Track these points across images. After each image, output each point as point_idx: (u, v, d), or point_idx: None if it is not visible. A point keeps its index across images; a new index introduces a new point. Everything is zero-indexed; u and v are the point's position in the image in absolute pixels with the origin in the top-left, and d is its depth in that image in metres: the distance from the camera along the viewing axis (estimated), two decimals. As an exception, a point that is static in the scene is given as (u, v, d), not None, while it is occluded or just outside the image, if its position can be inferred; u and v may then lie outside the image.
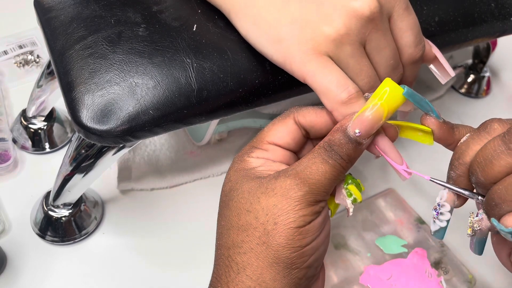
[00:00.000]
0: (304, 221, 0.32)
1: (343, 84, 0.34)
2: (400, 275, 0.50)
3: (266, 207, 0.32)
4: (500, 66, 0.73)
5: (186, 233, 0.53)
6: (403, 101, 0.32)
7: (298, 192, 0.32)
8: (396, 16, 0.37)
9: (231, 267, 0.33)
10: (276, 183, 0.32)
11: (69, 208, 0.50)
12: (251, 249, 0.32)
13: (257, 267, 0.32)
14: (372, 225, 0.54)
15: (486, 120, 0.33)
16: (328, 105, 0.34)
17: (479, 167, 0.31)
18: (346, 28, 0.34)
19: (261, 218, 0.32)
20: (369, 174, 0.59)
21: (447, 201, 0.34)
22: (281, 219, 0.31)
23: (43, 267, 0.49)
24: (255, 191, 0.33)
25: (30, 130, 0.57)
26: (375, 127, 0.33)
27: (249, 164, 0.35)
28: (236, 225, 0.33)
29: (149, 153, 0.57)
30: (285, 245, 0.31)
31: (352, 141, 0.33)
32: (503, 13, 0.51)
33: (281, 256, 0.32)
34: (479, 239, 0.33)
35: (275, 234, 0.31)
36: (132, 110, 0.37)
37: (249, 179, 0.34)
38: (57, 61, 0.40)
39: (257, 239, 0.32)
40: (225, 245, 0.33)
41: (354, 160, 0.34)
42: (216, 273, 0.34)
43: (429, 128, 0.34)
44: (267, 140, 0.36)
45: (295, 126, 0.36)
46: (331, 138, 0.33)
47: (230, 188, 0.34)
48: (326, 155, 0.33)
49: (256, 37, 0.37)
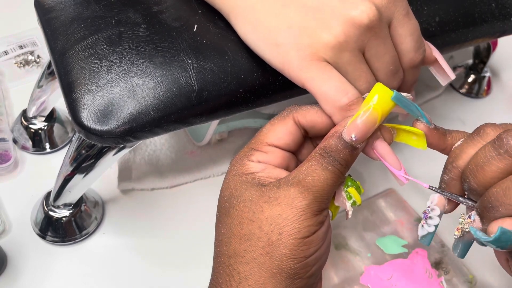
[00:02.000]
0: (309, 232, 0.31)
1: (343, 89, 0.34)
2: (401, 275, 0.50)
3: (270, 216, 0.31)
4: (500, 66, 0.73)
5: (186, 233, 0.53)
6: (394, 103, 0.33)
7: (303, 201, 0.31)
8: (396, 23, 0.36)
9: (232, 276, 0.32)
10: (280, 192, 0.32)
11: (70, 208, 0.50)
12: (254, 259, 0.32)
13: (259, 277, 0.31)
14: (372, 226, 0.54)
15: (480, 125, 0.34)
16: (328, 110, 0.34)
17: (471, 173, 0.31)
18: (345, 36, 0.34)
19: (265, 228, 0.31)
20: (369, 174, 0.59)
21: (438, 205, 0.34)
22: (286, 229, 0.31)
23: (44, 267, 0.49)
24: (257, 200, 0.32)
25: (30, 130, 0.57)
26: (370, 130, 0.33)
27: (248, 169, 0.34)
28: (238, 234, 0.32)
29: (150, 153, 0.57)
30: (289, 256, 0.31)
31: (349, 146, 0.33)
32: (504, 13, 0.51)
33: (285, 267, 0.31)
34: (465, 241, 0.33)
35: (280, 245, 0.31)
36: (133, 110, 0.37)
37: (249, 186, 0.33)
38: (58, 61, 0.40)
39: (261, 249, 0.31)
40: (226, 254, 0.33)
41: (350, 164, 0.34)
42: (215, 280, 0.33)
43: (421, 131, 0.35)
44: (266, 141, 0.35)
45: (294, 126, 0.35)
46: (327, 145, 0.33)
47: (230, 195, 0.34)
48: (325, 161, 0.33)
49: (255, 41, 0.37)
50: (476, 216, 0.32)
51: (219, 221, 0.34)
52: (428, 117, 0.35)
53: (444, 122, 0.65)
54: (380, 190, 0.57)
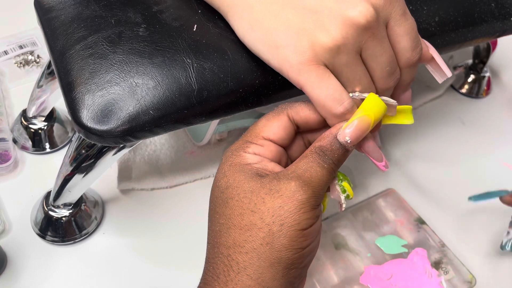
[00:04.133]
0: (307, 224, 0.33)
1: (339, 99, 0.35)
2: (400, 275, 0.50)
3: (272, 208, 0.32)
4: (500, 66, 0.73)
5: (186, 233, 0.53)
6: (385, 110, 0.36)
7: (303, 195, 0.33)
8: (393, 22, 0.37)
9: (231, 267, 0.33)
10: (280, 184, 0.33)
11: (70, 208, 0.50)
12: (254, 249, 0.32)
13: (258, 267, 0.32)
14: (372, 225, 0.54)
15: None
16: (323, 115, 0.36)
17: None
18: (343, 38, 0.34)
19: (266, 219, 0.32)
20: (369, 174, 0.59)
21: None
22: (287, 221, 0.32)
23: (43, 267, 0.49)
24: (258, 191, 0.33)
25: (30, 130, 0.57)
26: (363, 135, 0.35)
27: (245, 160, 0.35)
28: (238, 225, 0.33)
29: (150, 153, 0.57)
30: (288, 246, 0.32)
31: (342, 147, 0.35)
32: (503, 13, 0.51)
33: (283, 257, 0.32)
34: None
35: (280, 236, 0.32)
36: (133, 110, 0.37)
37: (248, 176, 0.34)
38: (58, 61, 0.40)
39: (261, 239, 0.32)
40: (225, 244, 0.34)
41: (342, 163, 0.36)
42: (211, 271, 0.34)
43: (409, 107, 0.38)
44: (262, 135, 0.36)
45: (288, 122, 0.37)
46: (322, 144, 0.35)
47: (226, 185, 0.35)
48: (321, 160, 0.35)
49: (253, 41, 0.37)
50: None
51: (215, 212, 0.35)
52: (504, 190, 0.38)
53: (444, 122, 0.65)
54: (380, 190, 0.57)
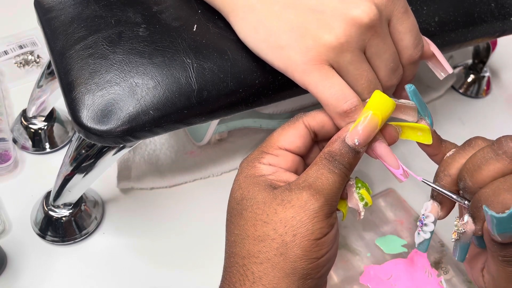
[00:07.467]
0: (321, 233, 0.32)
1: (344, 97, 0.35)
2: (400, 275, 0.50)
3: (284, 219, 0.32)
4: (500, 66, 0.73)
5: (186, 233, 0.53)
6: (393, 107, 0.35)
7: (315, 204, 0.32)
8: (395, 20, 0.37)
9: (246, 276, 0.33)
10: (292, 195, 0.33)
11: (70, 208, 0.50)
12: (268, 260, 0.32)
13: (273, 277, 0.32)
14: (372, 225, 0.54)
15: (471, 138, 0.35)
16: (331, 115, 0.36)
17: (468, 173, 0.33)
18: (346, 36, 0.35)
19: (279, 230, 0.32)
20: (369, 174, 0.59)
21: (432, 212, 0.36)
22: (300, 231, 0.32)
23: (43, 267, 0.49)
24: (270, 202, 0.33)
25: (30, 130, 0.57)
26: (371, 135, 0.34)
27: (259, 171, 0.35)
28: (252, 236, 0.33)
29: (149, 153, 0.57)
30: (302, 257, 0.32)
31: (352, 150, 0.34)
32: (503, 13, 0.51)
33: (298, 267, 0.32)
34: (462, 244, 0.35)
35: (294, 246, 0.32)
36: (132, 110, 0.37)
37: (261, 188, 0.34)
38: (58, 61, 0.40)
39: (275, 250, 0.32)
40: (240, 254, 0.34)
41: (354, 166, 0.35)
42: (228, 280, 0.34)
43: (427, 127, 0.36)
44: (277, 145, 0.36)
45: (305, 129, 0.36)
46: (331, 149, 0.35)
47: (241, 196, 0.34)
48: (331, 165, 0.34)
49: (256, 43, 0.37)
50: (469, 217, 0.33)
51: (231, 223, 0.35)
52: (433, 121, 0.36)
53: (443, 121, 0.65)
54: (380, 190, 0.57)
